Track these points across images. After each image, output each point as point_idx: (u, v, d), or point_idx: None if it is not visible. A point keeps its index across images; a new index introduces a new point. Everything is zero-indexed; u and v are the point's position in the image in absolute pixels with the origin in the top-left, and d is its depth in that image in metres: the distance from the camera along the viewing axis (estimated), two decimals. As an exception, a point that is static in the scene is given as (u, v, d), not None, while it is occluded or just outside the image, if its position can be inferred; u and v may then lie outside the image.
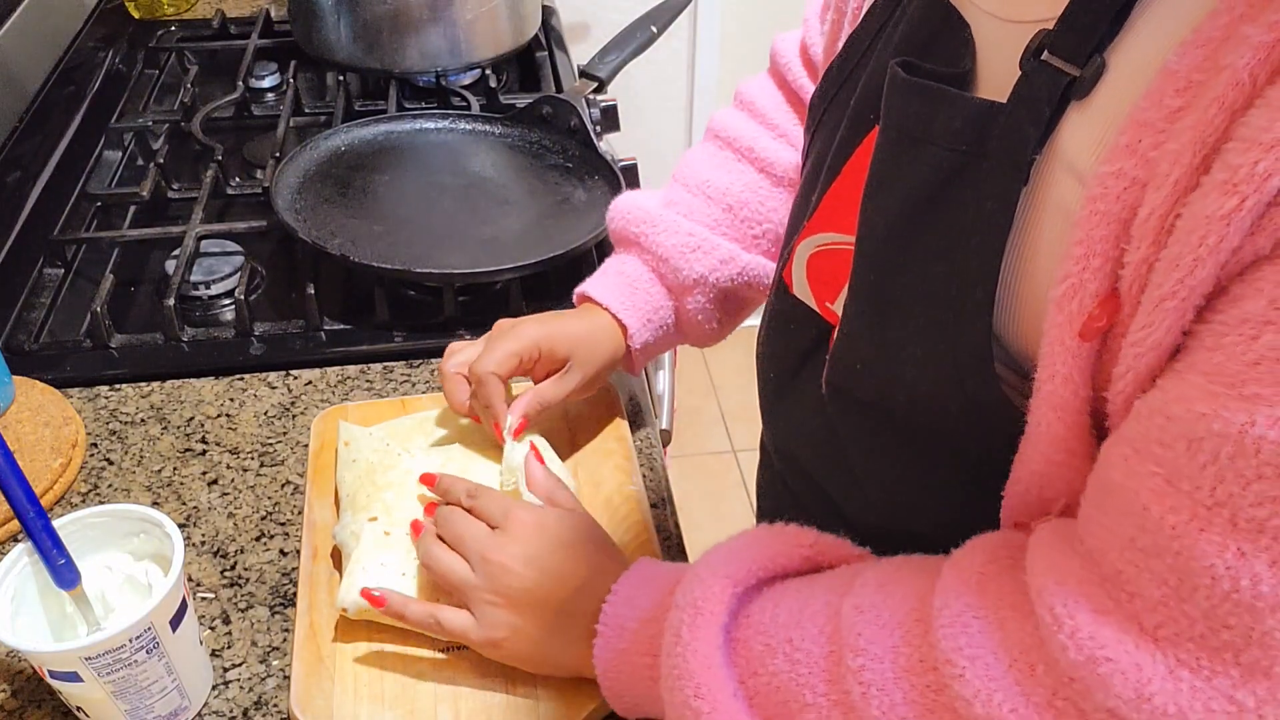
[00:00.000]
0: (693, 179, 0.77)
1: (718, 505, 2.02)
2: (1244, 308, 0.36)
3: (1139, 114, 0.39)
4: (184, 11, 1.38)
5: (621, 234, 0.77)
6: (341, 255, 0.83)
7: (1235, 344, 0.36)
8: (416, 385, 0.81)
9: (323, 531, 0.68)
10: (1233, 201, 0.35)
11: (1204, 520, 0.37)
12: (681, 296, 0.75)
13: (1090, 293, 0.41)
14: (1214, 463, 0.36)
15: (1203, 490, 0.37)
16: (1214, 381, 0.36)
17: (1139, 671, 0.39)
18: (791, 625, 0.49)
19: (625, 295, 0.74)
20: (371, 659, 0.61)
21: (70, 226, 0.98)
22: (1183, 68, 0.37)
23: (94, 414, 0.79)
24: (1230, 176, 0.35)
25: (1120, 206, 0.39)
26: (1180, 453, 0.37)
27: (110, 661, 0.53)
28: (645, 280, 0.75)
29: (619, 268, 0.76)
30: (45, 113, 1.10)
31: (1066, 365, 0.42)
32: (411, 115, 1.05)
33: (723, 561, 0.53)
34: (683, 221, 0.75)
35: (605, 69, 1.08)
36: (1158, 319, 0.38)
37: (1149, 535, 0.39)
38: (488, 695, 0.59)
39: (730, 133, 0.79)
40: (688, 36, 1.97)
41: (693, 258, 0.74)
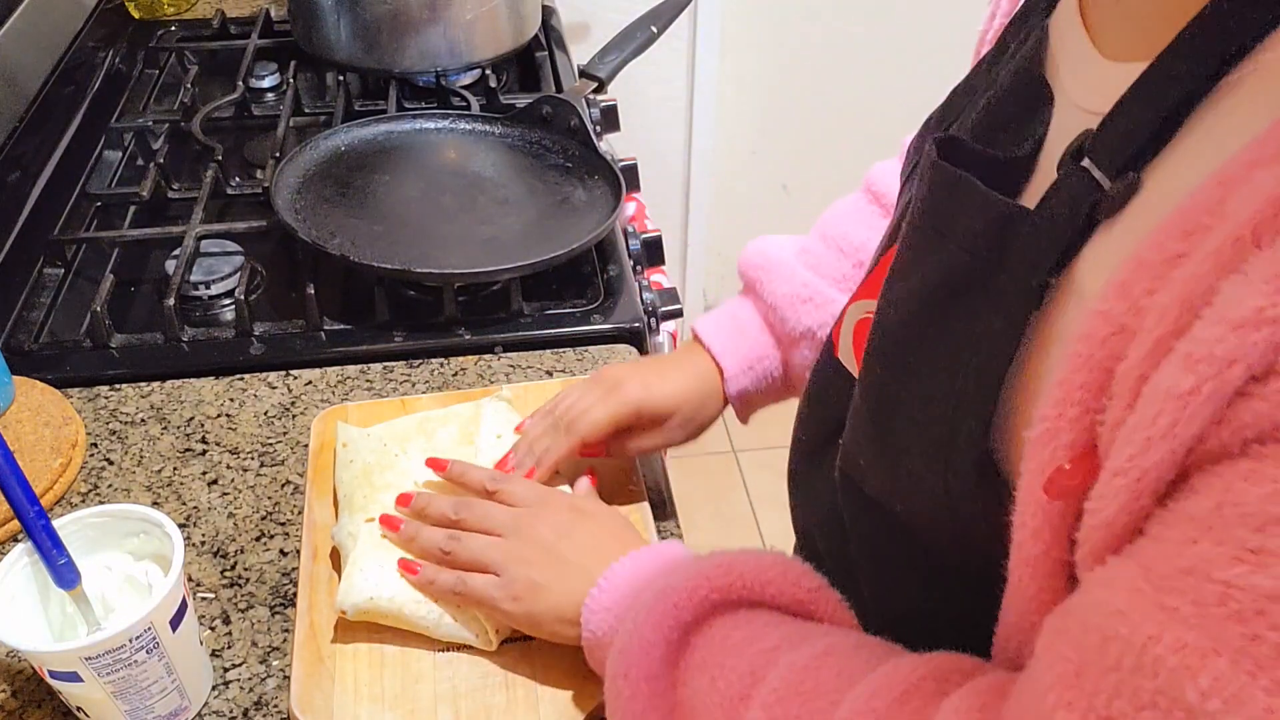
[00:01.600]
0: (832, 229, 0.75)
1: (718, 505, 2.02)
2: (1195, 504, 0.31)
3: (1141, 252, 0.33)
4: (184, 11, 1.38)
5: (744, 275, 0.76)
6: (341, 255, 0.83)
7: (1172, 543, 0.31)
8: (416, 385, 0.81)
9: (323, 531, 0.68)
10: (1189, 381, 0.30)
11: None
12: (789, 349, 0.73)
13: (1063, 444, 0.35)
14: (1116, 670, 0.31)
15: (1100, 696, 0.32)
16: (1141, 578, 0.32)
17: None
18: (732, 653, 0.49)
19: (731, 339, 0.73)
20: (371, 659, 0.61)
21: (70, 226, 0.98)
22: (1195, 208, 0.32)
23: (94, 414, 0.79)
24: (1191, 351, 0.30)
25: (1104, 353, 0.34)
26: (1092, 645, 0.32)
27: (110, 661, 0.53)
28: (754, 327, 0.73)
29: (733, 310, 0.75)
30: (45, 113, 1.10)
31: (1035, 519, 0.37)
32: (411, 115, 1.05)
33: (716, 565, 0.52)
34: (800, 271, 0.72)
35: (605, 69, 1.08)
36: (1110, 493, 0.33)
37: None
38: (488, 695, 0.59)
39: (881, 186, 0.75)
40: (688, 36, 1.97)
41: (803, 309, 0.71)
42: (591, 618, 0.55)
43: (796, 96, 2.07)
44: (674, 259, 2.25)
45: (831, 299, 0.71)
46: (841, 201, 0.77)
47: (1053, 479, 0.36)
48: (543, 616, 0.58)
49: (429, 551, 0.62)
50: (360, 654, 0.61)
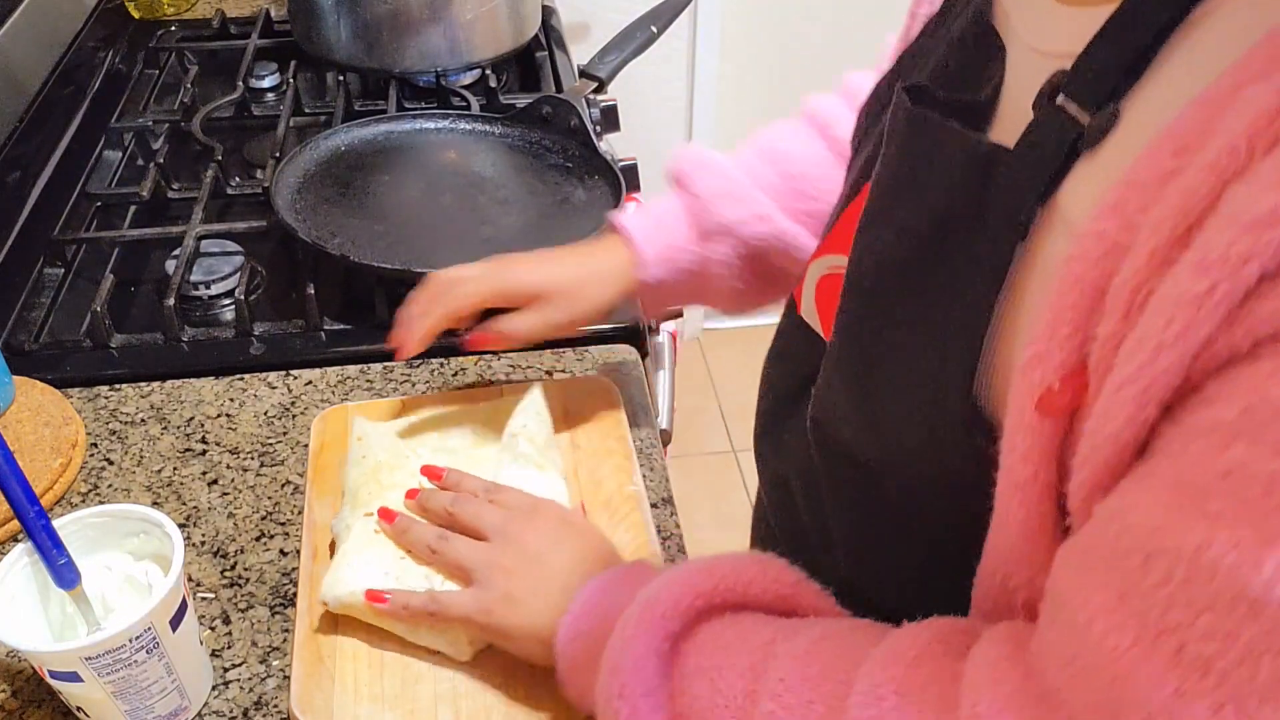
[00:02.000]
0: (763, 142, 0.75)
1: (718, 505, 2.02)
2: (1215, 412, 0.32)
3: (1132, 173, 0.35)
4: (184, 11, 1.38)
5: (672, 172, 0.74)
6: (341, 255, 0.83)
7: (1202, 452, 0.32)
8: (416, 385, 0.81)
9: (323, 531, 0.68)
10: (1203, 284, 0.31)
11: (1148, 646, 0.33)
12: (707, 241, 0.71)
13: (1054, 364, 0.37)
14: (1166, 584, 0.32)
15: (1152, 613, 0.32)
16: (1175, 492, 0.32)
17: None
18: (727, 653, 0.48)
19: (650, 228, 0.72)
20: (371, 659, 0.61)
21: (70, 226, 0.98)
22: (1184, 129, 0.34)
23: (94, 414, 0.79)
24: (1204, 256, 0.31)
25: (1097, 273, 0.36)
26: (1133, 568, 0.33)
27: (110, 661, 0.53)
28: (674, 216, 0.72)
29: (656, 202, 0.74)
30: (45, 113, 1.10)
31: (1025, 441, 0.38)
32: (411, 115, 1.05)
33: (695, 572, 0.52)
34: (732, 171, 0.72)
35: (605, 69, 1.08)
36: (1115, 407, 0.34)
37: (1089, 654, 0.35)
38: (488, 695, 0.59)
39: (816, 108, 0.75)
40: (688, 36, 1.97)
41: (725, 202, 0.70)
42: (565, 647, 0.55)
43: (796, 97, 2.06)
44: (674, 259, 2.24)
45: (756, 199, 0.70)
46: (780, 124, 0.77)
47: (1044, 398, 0.37)
48: (514, 631, 0.57)
49: (418, 547, 0.62)
50: (360, 654, 0.61)
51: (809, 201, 0.72)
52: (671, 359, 1.17)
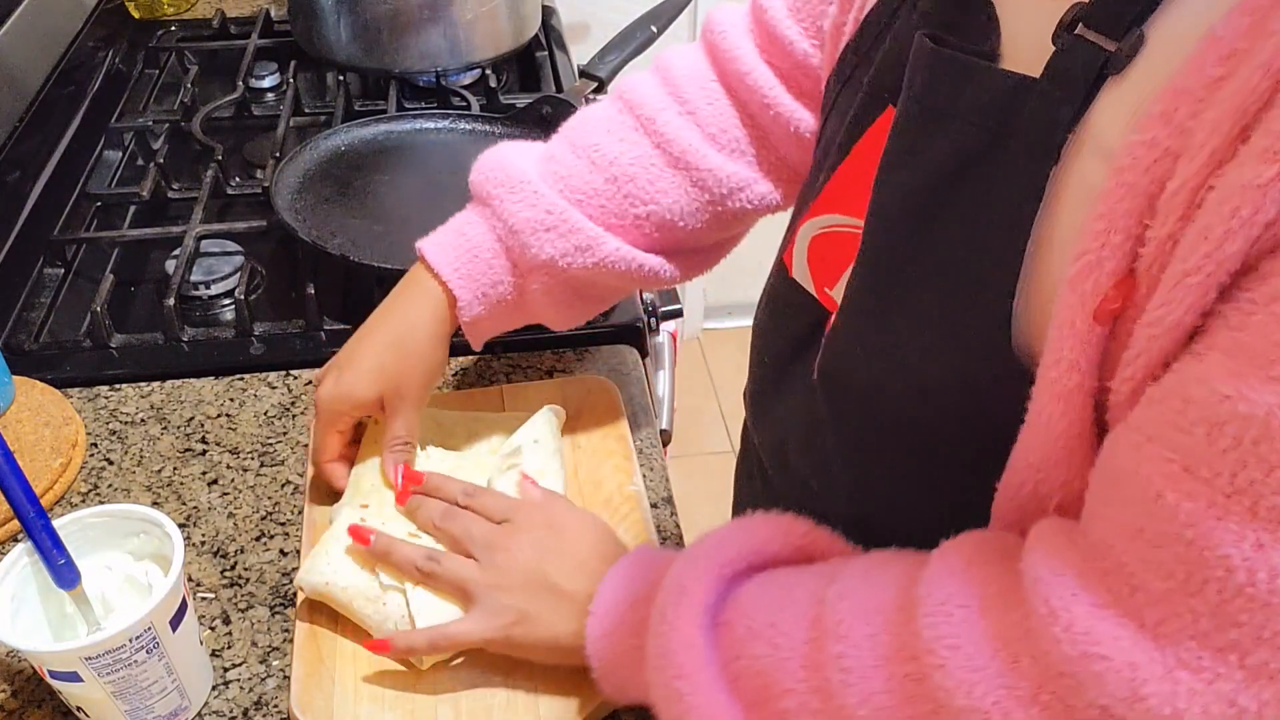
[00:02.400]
0: (581, 139, 0.69)
1: (718, 505, 2.01)
2: (1276, 285, 0.34)
3: (1178, 82, 0.37)
4: (184, 11, 1.38)
5: (477, 190, 0.69)
6: (341, 255, 0.83)
7: (1264, 323, 0.34)
8: (416, 385, 0.81)
9: (323, 531, 0.67)
10: (1272, 170, 0.34)
11: (1222, 508, 0.35)
12: (526, 275, 0.67)
13: (1107, 271, 0.39)
14: (1236, 448, 0.34)
15: (1222, 477, 0.35)
16: (1238, 362, 0.35)
17: (1134, 670, 0.37)
18: (775, 610, 0.49)
19: (463, 263, 0.67)
20: (372, 659, 0.61)
21: (70, 226, 0.98)
22: (1228, 34, 0.36)
23: (94, 414, 0.79)
24: (1272, 144, 0.34)
25: (1148, 179, 0.38)
26: (1200, 438, 0.36)
27: (110, 661, 0.53)
28: (488, 249, 0.67)
29: (464, 228, 0.68)
30: (45, 113, 1.10)
31: (1074, 350, 0.41)
32: (411, 115, 1.05)
33: (714, 546, 0.53)
34: (546, 193, 0.66)
35: (605, 69, 1.08)
36: (1178, 296, 0.37)
37: (1159, 524, 0.37)
38: (488, 695, 0.59)
39: (634, 97, 0.69)
40: (688, 36, 1.97)
41: (545, 238, 0.65)
42: (596, 648, 0.55)
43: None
44: (674, 259, 2.25)
45: (577, 227, 0.65)
46: (588, 109, 0.71)
47: (1101, 306, 0.39)
48: (535, 648, 0.58)
49: (405, 568, 0.61)
50: (360, 654, 0.61)
51: (640, 205, 0.67)
52: (671, 359, 1.17)
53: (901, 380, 0.50)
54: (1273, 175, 0.33)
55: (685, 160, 0.67)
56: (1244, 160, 0.34)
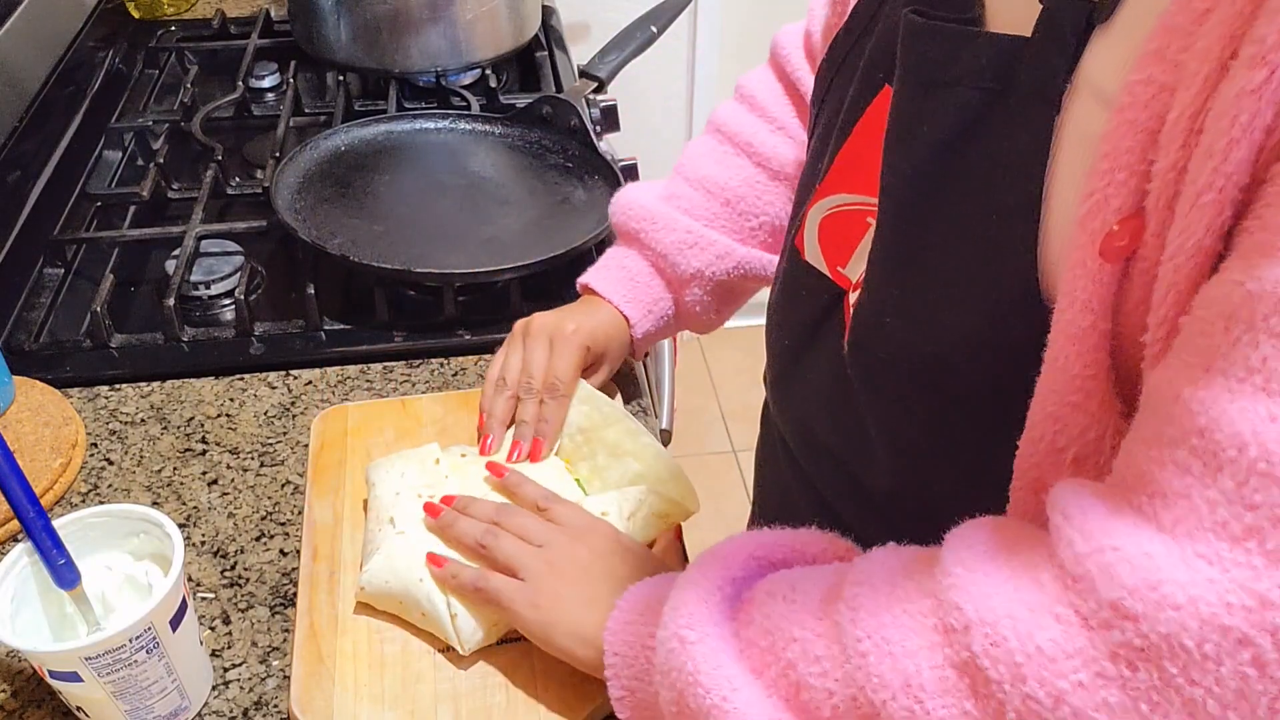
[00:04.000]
0: (693, 173, 0.80)
1: (718, 505, 2.02)
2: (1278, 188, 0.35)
3: (1167, 19, 0.38)
4: (184, 11, 1.38)
5: (622, 228, 0.80)
6: (341, 255, 0.83)
7: (1275, 218, 0.35)
8: (416, 385, 0.81)
9: (323, 531, 0.68)
10: (1261, 74, 0.34)
11: (1235, 391, 0.35)
12: (680, 290, 0.78)
13: (1113, 208, 0.40)
14: (1250, 330, 0.35)
15: (1237, 364, 0.35)
16: (1254, 254, 0.35)
17: (1148, 560, 0.36)
18: (798, 578, 0.49)
19: (627, 289, 0.78)
20: (372, 659, 0.61)
21: (70, 226, 0.98)
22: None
23: (94, 414, 0.79)
24: (1258, 50, 0.34)
25: (1148, 115, 0.39)
26: (1218, 335, 0.36)
27: (110, 661, 0.53)
28: (645, 274, 0.78)
29: (621, 261, 0.79)
30: (45, 113, 1.10)
31: (1086, 290, 0.41)
32: (411, 115, 1.05)
33: (756, 534, 0.54)
34: (680, 218, 0.78)
35: (605, 69, 1.08)
36: (1195, 218, 0.37)
37: (1177, 423, 0.37)
38: (488, 695, 0.59)
39: (730, 127, 0.81)
40: (688, 36, 1.97)
41: (690, 254, 0.77)
42: (614, 639, 0.54)
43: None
44: (674, 259, 2.25)
45: (713, 240, 0.77)
46: (693, 145, 0.82)
47: (1106, 242, 0.40)
48: (557, 628, 0.57)
49: (464, 541, 0.62)
50: (360, 654, 0.61)
51: (753, 219, 0.79)
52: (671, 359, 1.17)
53: (933, 342, 0.51)
54: (1263, 79, 0.34)
55: (784, 172, 0.78)
56: (1236, 71, 0.35)
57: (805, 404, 0.65)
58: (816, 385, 0.62)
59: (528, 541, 0.61)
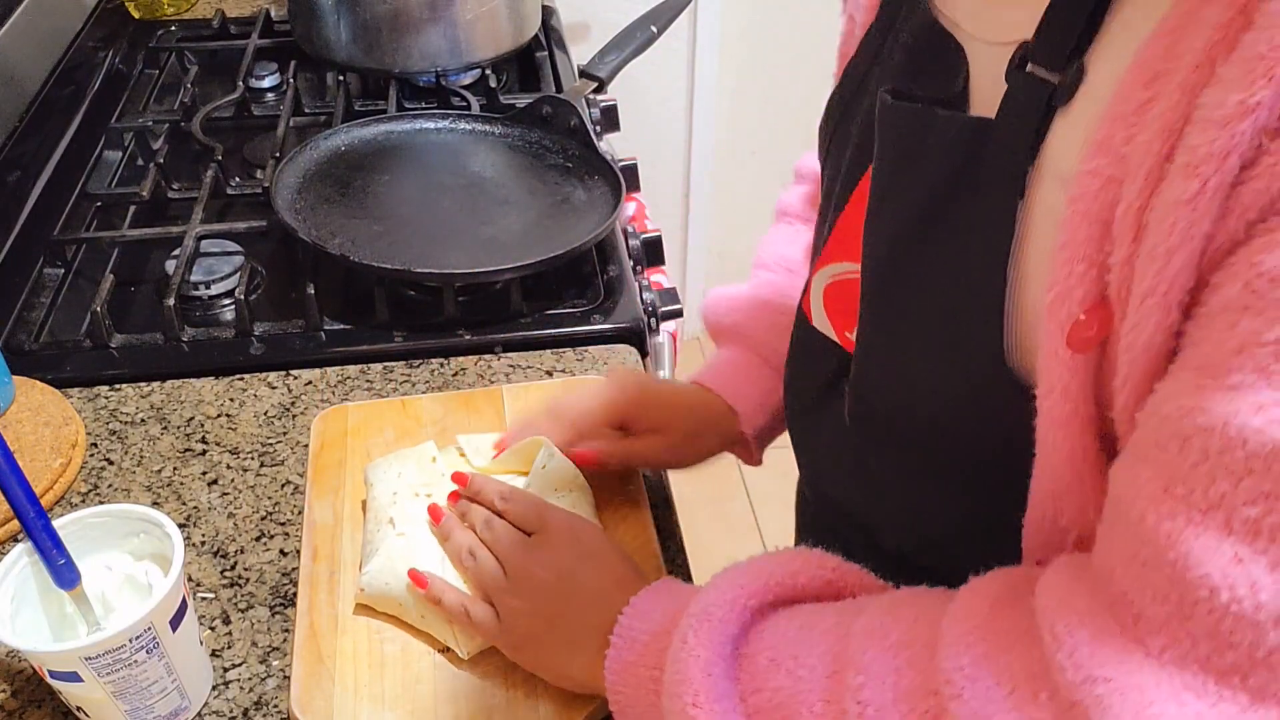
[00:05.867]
0: (771, 258, 0.79)
1: (718, 505, 2.02)
2: (1223, 295, 0.35)
3: (1112, 110, 0.38)
4: (184, 11, 1.38)
5: (716, 329, 0.79)
6: (341, 255, 0.83)
7: (1217, 333, 0.35)
8: (416, 385, 0.81)
9: (323, 531, 0.68)
10: (1194, 185, 0.34)
11: (1199, 524, 0.35)
12: None
13: (1076, 299, 0.40)
14: (1204, 461, 0.34)
15: (1196, 493, 0.35)
16: (1201, 375, 0.35)
17: (1140, 694, 0.36)
18: (799, 642, 0.49)
19: (736, 381, 0.75)
20: (372, 659, 0.61)
21: (70, 226, 0.98)
22: (1149, 58, 0.37)
23: (94, 414, 0.79)
24: (1190, 159, 0.34)
25: (1099, 205, 0.39)
26: (1173, 454, 0.36)
27: (110, 661, 0.53)
28: (753, 365, 0.75)
29: (726, 358, 0.77)
30: (45, 113, 1.10)
31: (1062, 379, 0.41)
32: (411, 115, 1.05)
33: (741, 574, 0.52)
34: (771, 300, 0.76)
35: (605, 69, 1.08)
36: (1143, 318, 0.37)
37: (1148, 548, 0.37)
38: (488, 695, 0.59)
39: (795, 208, 0.80)
40: (688, 36, 1.97)
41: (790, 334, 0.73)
42: (616, 680, 0.54)
43: (796, 96, 2.07)
44: (674, 259, 2.25)
45: None
46: (764, 238, 0.82)
47: (1072, 333, 0.40)
48: (545, 671, 0.58)
49: (462, 554, 0.62)
50: (360, 654, 0.61)
51: None
52: (671, 359, 1.17)
53: (919, 414, 0.52)
54: (1195, 190, 0.34)
55: None
56: (1173, 176, 0.35)
57: (820, 464, 0.65)
58: (829, 446, 0.63)
59: (500, 557, 0.61)
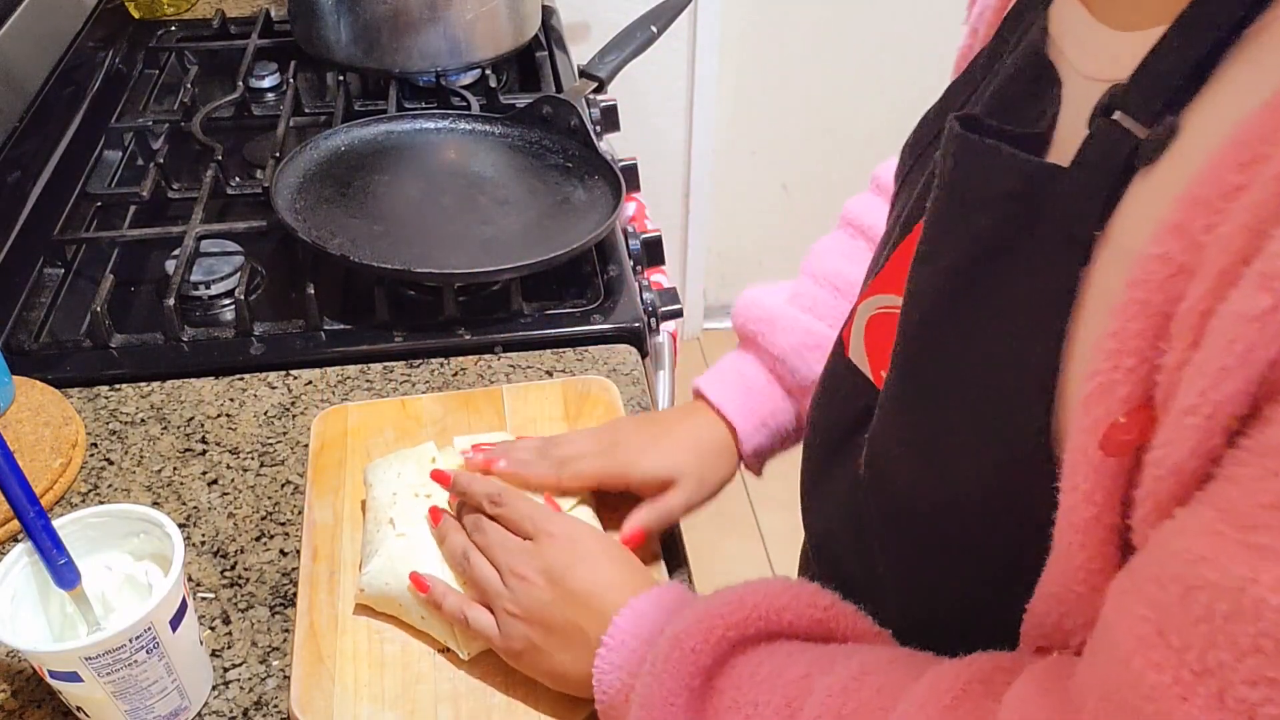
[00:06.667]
0: (821, 270, 0.74)
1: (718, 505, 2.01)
2: (1267, 436, 0.30)
3: (1195, 189, 0.32)
4: (184, 11, 1.38)
5: (742, 331, 0.75)
6: (341, 255, 0.83)
7: (1252, 478, 0.30)
8: (416, 385, 0.81)
9: (323, 531, 0.68)
10: (1265, 301, 0.29)
11: (1187, 687, 0.30)
12: (803, 398, 0.72)
13: (1119, 397, 0.35)
14: (1208, 619, 0.30)
15: (1192, 651, 0.30)
16: (1221, 520, 0.30)
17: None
18: (763, 688, 0.47)
19: (740, 396, 0.72)
20: (372, 659, 0.61)
21: (70, 226, 0.98)
22: (1251, 138, 0.31)
23: (94, 414, 0.79)
24: (1267, 269, 0.29)
25: (1162, 297, 0.33)
26: (1174, 598, 0.31)
27: (110, 661, 0.53)
28: (762, 382, 0.72)
29: (738, 367, 0.74)
30: (45, 113, 1.10)
31: (1088, 480, 0.37)
32: (411, 115, 1.05)
33: (725, 603, 0.51)
34: (802, 318, 0.71)
35: (605, 69, 1.08)
36: (1179, 436, 0.32)
37: (1125, 691, 0.33)
38: (488, 695, 0.59)
39: (862, 220, 0.74)
40: (688, 36, 1.97)
41: (811, 357, 0.70)
42: (604, 679, 0.54)
43: (796, 96, 2.07)
44: (674, 259, 2.25)
45: None
46: (824, 240, 0.76)
47: (1108, 435, 0.35)
48: (544, 677, 0.58)
49: (452, 556, 0.62)
50: (360, 654, 0.61)
51: None
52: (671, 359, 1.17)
53: (937, 477, 0.47)
54: (1268, 306, 0.29)
55: None
56: (1245, 285, 0.30)
57: (826, 517, 0.61)
58: (838, 499, 0.58)
59: (493, 561, 0.60)
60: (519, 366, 0.83)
